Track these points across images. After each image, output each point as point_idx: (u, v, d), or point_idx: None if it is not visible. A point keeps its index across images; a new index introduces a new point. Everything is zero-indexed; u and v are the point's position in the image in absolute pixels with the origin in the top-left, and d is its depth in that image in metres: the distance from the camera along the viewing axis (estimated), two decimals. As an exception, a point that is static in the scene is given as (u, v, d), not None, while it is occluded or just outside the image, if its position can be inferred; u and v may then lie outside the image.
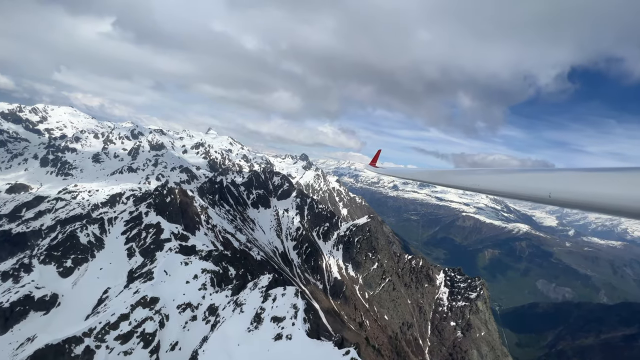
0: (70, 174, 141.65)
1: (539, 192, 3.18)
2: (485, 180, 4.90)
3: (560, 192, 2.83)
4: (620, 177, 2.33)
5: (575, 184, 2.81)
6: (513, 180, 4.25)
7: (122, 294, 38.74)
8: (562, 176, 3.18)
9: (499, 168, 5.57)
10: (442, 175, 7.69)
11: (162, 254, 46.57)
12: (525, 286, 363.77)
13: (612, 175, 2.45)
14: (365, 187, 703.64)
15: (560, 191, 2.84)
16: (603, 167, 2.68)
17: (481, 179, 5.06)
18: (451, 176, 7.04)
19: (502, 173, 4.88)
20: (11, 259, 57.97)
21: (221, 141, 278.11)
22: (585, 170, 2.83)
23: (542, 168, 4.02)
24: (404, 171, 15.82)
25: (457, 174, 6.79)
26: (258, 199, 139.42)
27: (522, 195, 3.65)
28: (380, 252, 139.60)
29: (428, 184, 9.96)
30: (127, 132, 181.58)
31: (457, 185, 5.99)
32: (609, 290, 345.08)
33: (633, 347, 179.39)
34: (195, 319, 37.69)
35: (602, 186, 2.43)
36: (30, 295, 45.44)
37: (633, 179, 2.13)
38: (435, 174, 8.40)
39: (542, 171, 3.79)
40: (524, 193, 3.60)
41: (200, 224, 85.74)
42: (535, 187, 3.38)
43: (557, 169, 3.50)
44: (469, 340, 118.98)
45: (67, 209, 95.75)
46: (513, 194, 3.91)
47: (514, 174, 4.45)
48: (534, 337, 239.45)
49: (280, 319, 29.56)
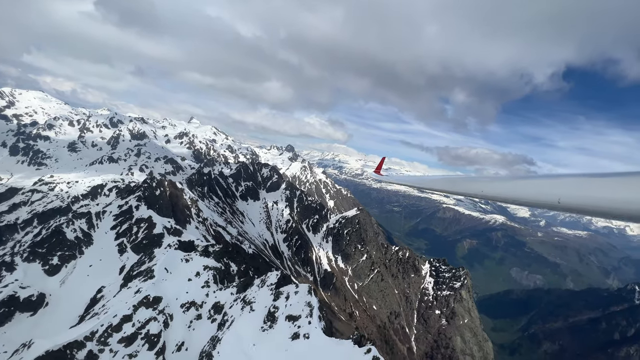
0: (44, 164, 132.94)
1: (548, 199, 3.19)
2: (492, 188, 4.90)
3: (570, 197, 2.85)
4: (631, 182, 2.34)
5: (585, 189, 2.84)
6: (521, 187, 4.24)
7: (121, 294, 36.87)
8: (572, 182, 3.21)
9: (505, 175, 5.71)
10: (448, 183, 7.76)
11: (161, 250, 44.61)
12: (500, 274, 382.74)
13: (621, 179, 2.48)
14: (349, 178, 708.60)
15: (570, 197, 2.86)
16: (612, 172, 2.74)
17: (488, 186, 5.08)
18: (456, 184, 7.06)
19: (509, 180, 4.93)
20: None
21: (205, 131, 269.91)
22: (594, 176, 2.86)
23: (551, 174, 4.04)
24: (409, 179, 15.59)
25: (463, 182, 6.75)
26: (247, 191, 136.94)
27: (532, 202, 3.66)
28: (369, 244, 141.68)
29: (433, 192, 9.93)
30: (105, 120, 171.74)
31: (463, 193, 5.95)
32: (575, 276, 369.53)
33: (597, 330, 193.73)
34: (200, 317, 36.55)
35: (612, 191, 2.46)
36: (15, 296, 42.50)
37: None
38: (440, 181, 8.45)
39: (551, 177, 3.85)
40: (533, 200, 3.61)
41: (191, 217, 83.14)
42: (545, 194, 3.41)
43: (566, 174, 3.53)
44: (453, 328, 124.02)
45: (45, 202, 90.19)
46: (522, 201, 3.89)
47: (521, 181, 4.47)
48: (509, 322, 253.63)
49: (296, 318, 29.06)
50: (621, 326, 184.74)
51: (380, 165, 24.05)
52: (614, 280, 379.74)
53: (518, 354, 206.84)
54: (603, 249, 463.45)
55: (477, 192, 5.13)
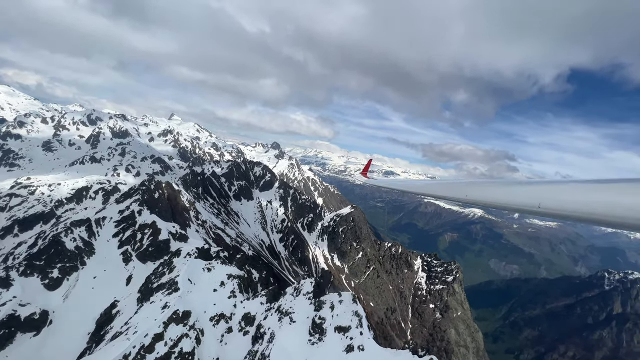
0: (17, 165, 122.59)
1: (529, 203, 3.30)
2: (476, 192, 5.05)
3: (550, 202, 2.98)
4: (611, 188, 2.52)
5: (565, 194, 2.98)
6: (503, 192, 4.40)
7: (144, 309, 34.25)
8: (553, 187, 3.36)
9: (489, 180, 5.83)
10: (432, 187, 7.94)
11: (180, 260, 41.89)
12: (480, 265, 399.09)
13: (602, 186, 2.62)
14: (333, 175, 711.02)
15: (550, 201, 2.99)
16: (594, 178, 2.89)
17: (471, 190, 5.24)
18: (441, 188, 7.27)
19: (492, 185, 5.07)
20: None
21: (188, 128, 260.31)
22: (575, 182, 3.03)
23: (533, 180, 4.11)
24: (394, 182, 15.50)
25: (448, 186, 6.95)
26: (240, 190, 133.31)
27: (513, 206, 3.78)
28: (363, 242, 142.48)
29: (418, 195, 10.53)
30: (82, 117, 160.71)
31: (446, 197, 6.16)
32: (548, 265, 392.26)
33: (572, 315, 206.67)
34: (230, 330, 34.70)
35: (592, 196, 2.61)
36: (15, 315, 38.58)
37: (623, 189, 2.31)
38: (424, 185, 8.62)
39: (532, 183, 4.01)
40: (515, 204, 3.73)
41: (190, 220, 79.65)
42: (526, 198, 3.53)
43: (547, 180, 3.68)
44: (448, 321, 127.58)
45: (25, 207, 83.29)
46: (504, 205, 4.04)
47: (504, 186, 4.61)
48: (490, 311, 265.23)
49: (346, 329, 28.05)
50: (594, 311, 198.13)
51: (367, 167, 23.48)
52: (582, 267, 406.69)
53: (501, 341, 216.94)
54: (571, 238, 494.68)
55: (461, 197, 5.26)
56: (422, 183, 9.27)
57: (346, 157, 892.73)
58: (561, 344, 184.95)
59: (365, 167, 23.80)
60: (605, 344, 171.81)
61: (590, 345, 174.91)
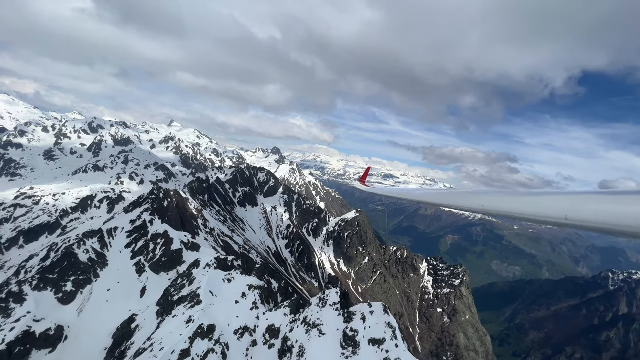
0: (19, 174, 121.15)
1: (554, 214, 3.18)
2: (493, 202, 4.85)
3: (578, 214, 2.89)
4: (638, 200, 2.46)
5: (594, 206, 2.88)
6: (525, 203, 4.23)
7: (167, 323, 33.28)
8: (580, 198, 3.21)
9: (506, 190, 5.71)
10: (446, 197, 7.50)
11: (200, 271, 40.96)
12: (482, 267, 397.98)
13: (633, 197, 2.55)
14: (332, 179, 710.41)
15: (578, 213, 2.90)
16: (620, 190, 2.84)
17: (488, 200, 5.03)
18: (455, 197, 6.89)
19: (512, 195, 4.90)
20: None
21: (188, 134, 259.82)
22: (604, 194, 2.95)
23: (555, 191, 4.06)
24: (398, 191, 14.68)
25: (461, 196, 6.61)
26: (244, 197, 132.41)
27: (537, 217, 3.62)
28: (369, 246, 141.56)
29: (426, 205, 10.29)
30: (83, 125, 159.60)
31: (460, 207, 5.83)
32: (550, 266, 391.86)
33: (578, 316, 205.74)
34: (255, 344, 33.77)
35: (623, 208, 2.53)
36: (29, 331, 37.43)
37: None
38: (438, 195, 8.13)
39: (555, 194, 3.83)
40: (539, 215, 3.59)
41: (199, 228, 78.70)
42: (551, 209, 3.41)
43: (572, 191, 3.55)
44: (456, 325, 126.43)
45: (30, 217, 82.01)
46: (526, 216, 3.83)
47: (525, 197, 4.46)
48: (495, 313, 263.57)
49: (380, 342, 27.25)
50: (599, 312, 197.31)
51: (365, 175, 23.06)
52: (584, 268, 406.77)
53: (507, 345, 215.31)
54: (572, 238, 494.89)
55: (477, 207, 5.04)
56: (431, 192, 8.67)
57: (345, 160, 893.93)
58: (568, 346, 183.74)
59: (364, 175, 23.37)
60: (613, 345, 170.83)
61: (598, 346, 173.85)
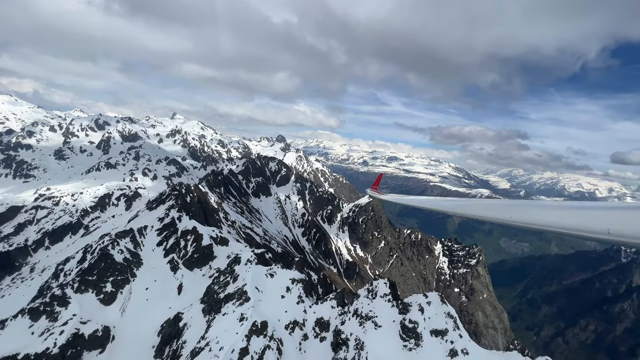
0: (32, 175, 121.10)
1: (596, 228, 3.04)
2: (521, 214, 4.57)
3: (623, 228, 2.79)
4: None
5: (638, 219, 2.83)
6: (562, 215, 3.98)
7: (218, 322, 33.18)
8: (624, 212, 3.11)
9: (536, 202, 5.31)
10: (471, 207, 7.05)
11: (242, 267, 40.71)
12: (490, 245, 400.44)
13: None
14: (336, 164, 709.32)
15: (623, 227, 2.80)
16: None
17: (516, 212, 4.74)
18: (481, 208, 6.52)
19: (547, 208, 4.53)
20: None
21: (192, 126, 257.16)
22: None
23: (596, 204, 3.86)
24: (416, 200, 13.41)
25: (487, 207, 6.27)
26: (258, 187, 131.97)
27: (576, 231, 3.42)
28: (384, 230, 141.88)
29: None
30: (90, 123, 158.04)
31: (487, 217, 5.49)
32: (558, 241, 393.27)
33: (590, 289, 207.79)
34: (306, 338, 33.70)
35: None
36: (78, 334, 37.62)
37: None
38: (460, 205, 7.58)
39: (599, 207, 3.68)
40: (578, 229, 3.38)
41: (221, 221, 78.66)
42: (591, 223, 3.26)
43: (615, 204, 3.40)
44: (474, 304, 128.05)
45: (52, 218, 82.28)
46: (565, 230, 3.58)
47: (562, 210, 4.16)
48: (506, 290, 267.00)
49: (443, 332, 26.91)
50: (612, 284, 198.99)
51: (377, 182, 22.24)
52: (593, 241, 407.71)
53: (520, 319, 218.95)
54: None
55: (505, 218, 4.72)
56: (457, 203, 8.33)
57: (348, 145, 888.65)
58: (581, 319, 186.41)
59: (376, 182, 22.49)
60: (627, 315, 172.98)
61: (612, 318, 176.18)
